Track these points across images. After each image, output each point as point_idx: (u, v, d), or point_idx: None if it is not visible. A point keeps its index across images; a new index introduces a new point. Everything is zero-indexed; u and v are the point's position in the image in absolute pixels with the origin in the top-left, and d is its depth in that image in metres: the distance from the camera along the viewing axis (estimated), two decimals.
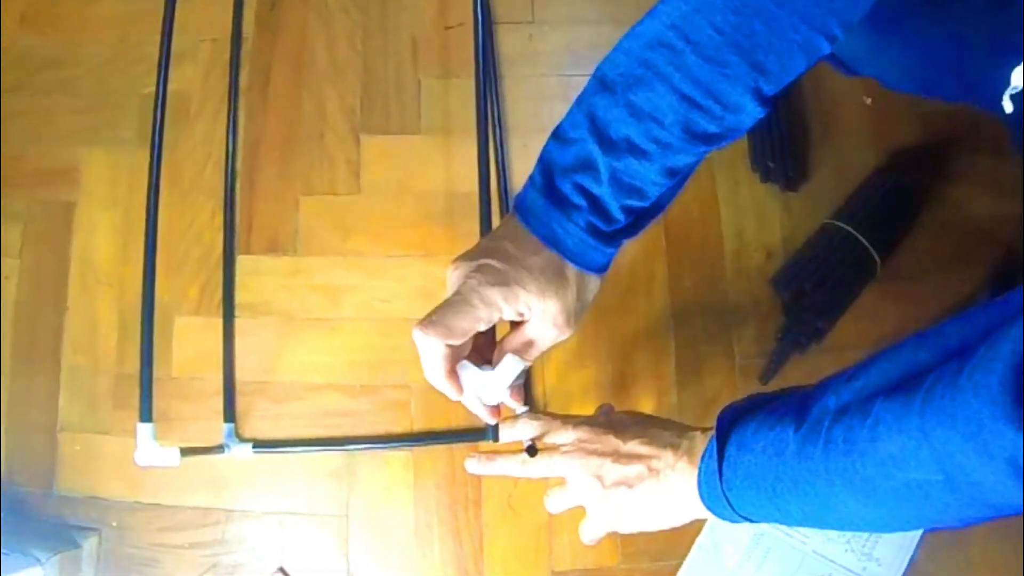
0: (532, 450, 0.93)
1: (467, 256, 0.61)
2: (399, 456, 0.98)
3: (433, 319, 0.59)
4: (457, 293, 0.60)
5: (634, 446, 0.67)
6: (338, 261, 1.06)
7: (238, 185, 1.10)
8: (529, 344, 0.64)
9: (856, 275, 0.99)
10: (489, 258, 0.60)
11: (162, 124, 0.97)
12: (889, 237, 1.01)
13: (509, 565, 0.96)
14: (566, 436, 0.71)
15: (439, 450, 0.98)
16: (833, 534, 0.91)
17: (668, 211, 0.65)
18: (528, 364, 0.65)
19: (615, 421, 0.70)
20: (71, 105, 1.15)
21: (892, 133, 1.08)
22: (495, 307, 0.60)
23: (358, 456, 0.99)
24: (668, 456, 0.64)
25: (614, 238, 0.61)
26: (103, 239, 1.10)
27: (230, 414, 1.00)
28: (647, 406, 1.00)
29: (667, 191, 0.61)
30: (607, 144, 0.57)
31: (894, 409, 0.48)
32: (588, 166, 0.58)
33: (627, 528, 0.69)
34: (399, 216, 1.07)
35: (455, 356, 0.62)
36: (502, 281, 0.59)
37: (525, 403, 0.74)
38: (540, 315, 0.61)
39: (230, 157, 1.11)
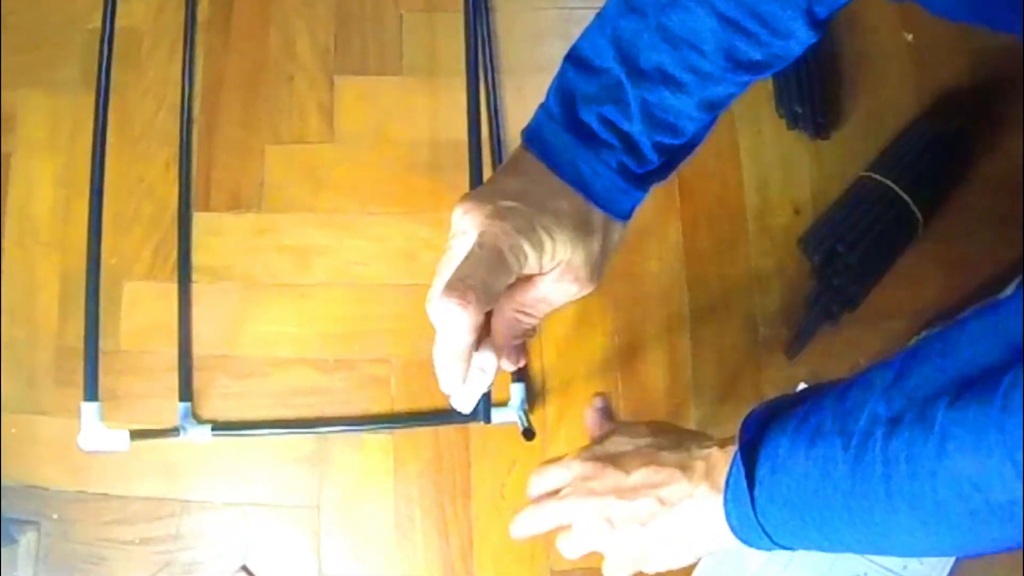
0: (529, 433, 0.85)
1: (481, 196, 0.53)
2: (377, 439, 0.95)
3: (469, 282, 0.49)
4: (480, 244, 0.50)
5: (639, 478, 0.61)
6: (309, 219, 1.02)
7: (195, 133, 1.05)
8: (540, 301, 0.55)
9: (895, 235, 0.96)
10: (510, 200, 0.52)
11: (108, 63, 0.90)
12: (933, 192, 0.97)
13: (502, 563, 0.92)
14: (562, 476, 0.65)
15: (422, 433, 0.95)
16: None
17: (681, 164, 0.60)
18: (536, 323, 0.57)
19: (614, 447, 0.65)
20: (5, 42, 1.09)
21: (936, 73, 1.04)
22: (524, 260, 0.51)
23: (331, 439, 0.95)
24: (682, 484, 0.58)
25: (645, 180, 0.56)
26: (43, 194, 1.04)
27: (186, 392, 0.96)
28: (658, 385, 0.96)
29: (702, 127, 0.57)
30: (637, 74, 0.53)
31: (965, 421, 0.43)
32: (617, 99, 0.54)
33: (654, 567, 0.63)
34: (378, 168, 1.03)
35: (479, 327, 0.51)
36: (528, 227, 0.51)
37: (520, 378, 0.69)
38: (563, 268, 0.54)
39: (186, 101, 1.05)
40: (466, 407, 0.55)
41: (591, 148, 0.54)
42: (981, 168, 0.99)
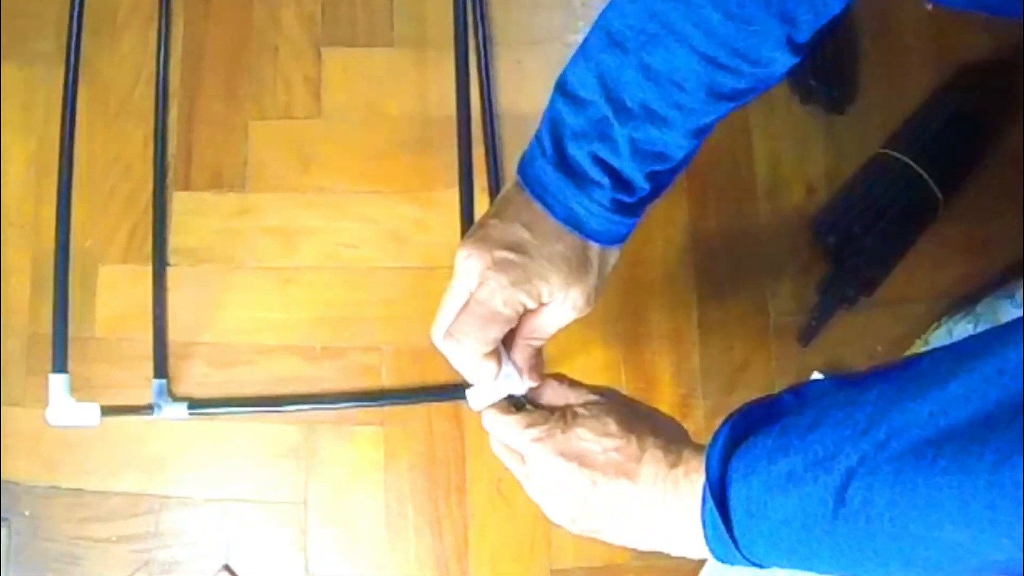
0: (520, 404, 0.83)
1: (479, 242, 0.58)
2: (367, 431, 0.93)
3: (464, 331, 0.58)
4: (477, 300, 0.58)
5: (607, 491, 0.59)
6: (295, 199, 1.00)
7: (174, 108, 1.02)
8: (541, 328, 0.62)
9: (914, 216, 0.94)
10: (506, 250, 0.57)
11: (79, 33, 0.89)
12: (953, 170, 0.96)
13: (499, 562, 0.91)
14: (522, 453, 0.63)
15: (415, 424, 0.93)
16: None
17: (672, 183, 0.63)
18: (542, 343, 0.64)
19: (578, 443, 0.61)
20: None
21: (957, 45, 1.01)
22: (520, 308, 0.58)
23: (319, 431, 0.94)
24: (655, 497, 0.56)
25: (638, 207, 0.60)
26: (14, 173, 1.02)
27: (161, 369, 0.94)
28: (663, 374, 0.95)
29: (692, 150, 0.59)
30: (622, 111, 0.56)
31: (950, 489, 0.42)
32: (604, 135, 0.57)
33: (610, 539, 0.61)
34: (367, 145, 1.01)
35: (487, 352, 0.61)
36: (524, 279, 0.57)
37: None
38: (560, 302, 0.60)
39: (163, 74, 1.02)
40: (479, 404, 0.62)
41: (583, 189, 0.57)
42: (1004, 145, 0.98)
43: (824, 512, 0.47)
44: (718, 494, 0.52)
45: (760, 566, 0.53)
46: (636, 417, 0.60)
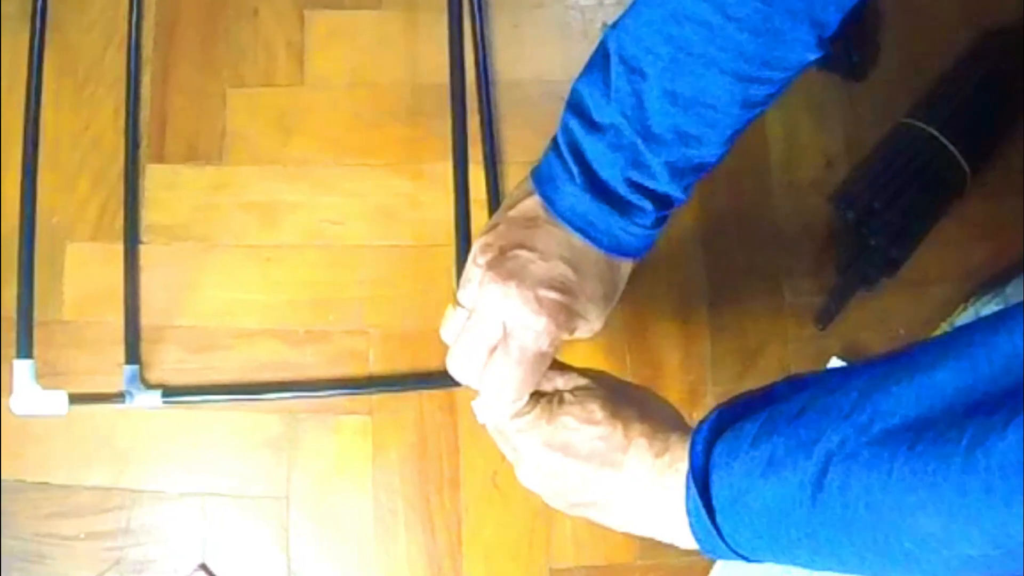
0: None
1: (518, 279, 0.57)
2: (354, 421, 0.92)
3: (507, 377, 0.58)
4: (523, 347, 0.57)
5: (597, 487, 0.60)
6: (276, 172, 0.98)
7: (147, 75, 1.00)
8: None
9: (939, 190, 0.94)
10: (553, 292, 0.57)
11: None
12: (981, 142, 0.95)
13: (496, 561, 0.89)
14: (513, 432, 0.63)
15: (405, 413, 0.91)
16: None
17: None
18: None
19: (565, 432, 0.61)
20: None
21: (987, 6, 1.00)
22: (560, 343, 0.59)
23: (301, 420, 0.92)
24: (641, 483, 0.57)
25: (671, 211, 0.61)
26: None
27: (133, 355, 0.92)
28: (671, 360, 0.93)
29: (727, 151, 0.60)
30: (652, 139, 0.56)
31: (924, 475, 0.43)
32: (638, 163, 0.57)
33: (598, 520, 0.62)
34: (354, 114, 0.99)
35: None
36: (569, 320, 0.58)
37: None
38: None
39: (135, 39, 0.99)
40: (485, 418, 0.61)
41: (626, 215, 0.57)
42: None
43: (803, 498, 0.48)
44: (701, 481, 0.53)
45: (746, 559, 0.54)
46: (624, 401, 0.61)
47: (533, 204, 0.59)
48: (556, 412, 0.60)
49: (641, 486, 0.57)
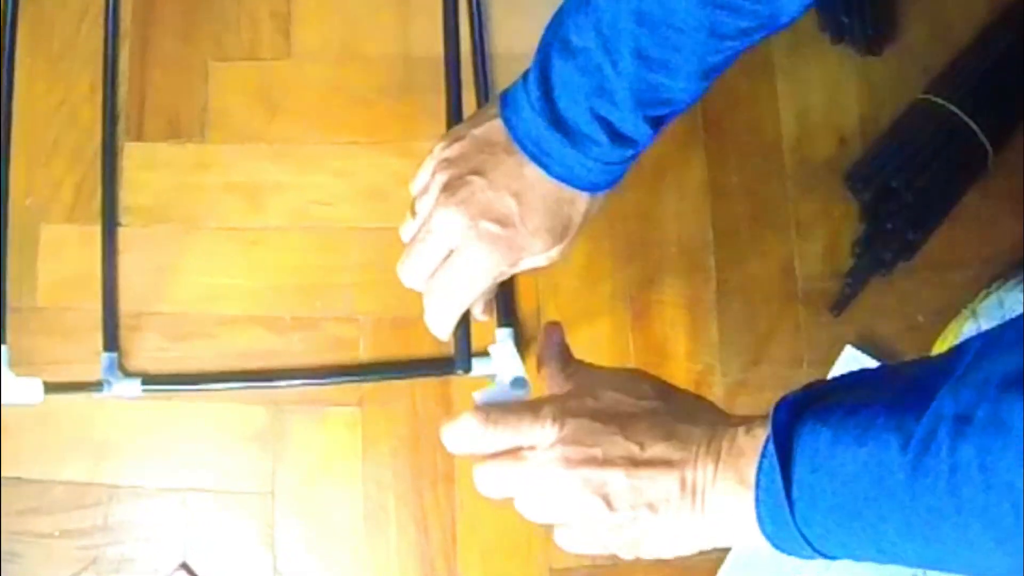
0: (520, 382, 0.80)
1: (463, 206, 0.61)
2: (343, 412, 0.90)
3: (444, 290, 0.63)
4: (458, 266, 0.62)
5: (657, 452, 0.56)
6: (261, 150, 0.97)
7: (125, 48, 0.99)
8: (511, 273, 0.65)
9: (959, 169, 0.92)
10: (492, 223, 0.60)
11: None
12: (1004, 118, 0.92)
13: (492, 559, 0.88)
14: (543, 436, 0.58)
15: (397, 404, 0.90)
16: None
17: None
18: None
19: (611, 403, 0.59)
20: None
21: None
22: (499, 276, 0.63)
23: (288, 411, 0.91)
24: (708, 469, 0.55)
25: (637, 148, 0.61)
26: None
27: (111, 342, 0.92)
28: (678, 348, 0.91)
29: (699, 93, 0.60)
30: (618, 58, 0.57)
31: None
32: (602, 89, 0.58)
33: (646, 555, 0.59)
34: (342, 89, 0.98)
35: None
36: (507, 251, 0.61)
37: (508, 323, 0.77)
38: (536, 260, 0.64)
39: (113, 10, 0.98)
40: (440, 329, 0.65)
41: (580, 148, 0.59)
42: None
43: (904, 462, 0.46)
44: (784, 445, 0.51)
45: (810, 545, 0.51)
46: (658, 383, 0.61)
47: (496, 126, 0.62)
48: (582, 392, 0.60)
49: (732, 472, 0.55)
